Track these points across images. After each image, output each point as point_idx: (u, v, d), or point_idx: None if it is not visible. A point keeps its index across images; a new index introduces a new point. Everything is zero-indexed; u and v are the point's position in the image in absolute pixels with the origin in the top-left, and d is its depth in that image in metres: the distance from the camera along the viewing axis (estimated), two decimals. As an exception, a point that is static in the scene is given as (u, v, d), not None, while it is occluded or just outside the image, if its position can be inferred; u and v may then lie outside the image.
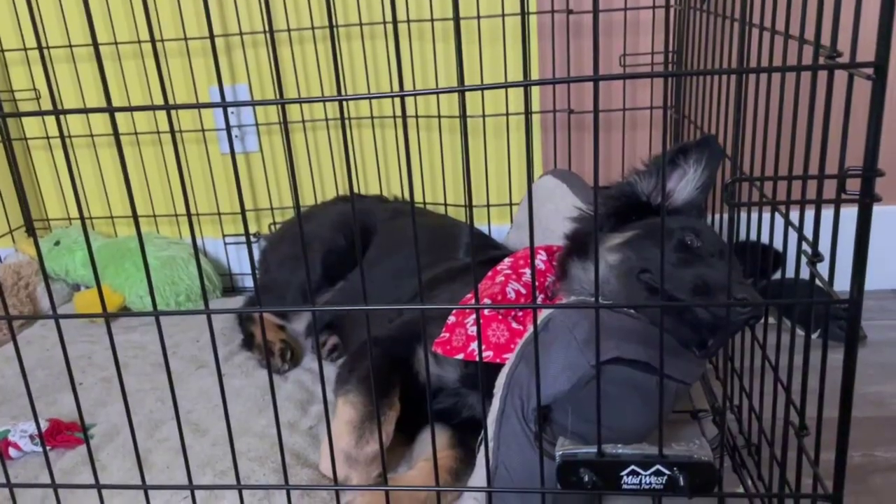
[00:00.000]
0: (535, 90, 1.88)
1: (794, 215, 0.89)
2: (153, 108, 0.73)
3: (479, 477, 1.05)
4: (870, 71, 0.64)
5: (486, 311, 1.18)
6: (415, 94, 0.67)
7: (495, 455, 0.99)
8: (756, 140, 1.02)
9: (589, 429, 0.97)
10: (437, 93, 0.78)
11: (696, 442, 0.80)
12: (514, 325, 1.16)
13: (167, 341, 0.83)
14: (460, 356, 1.16)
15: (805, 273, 0.83)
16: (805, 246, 0.83)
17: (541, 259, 1.30)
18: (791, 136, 0.86)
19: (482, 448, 1.05)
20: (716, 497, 0.83)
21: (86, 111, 0.74)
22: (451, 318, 1.22)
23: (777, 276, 1.14)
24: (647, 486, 0.79)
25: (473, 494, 1.03)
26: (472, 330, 1.17)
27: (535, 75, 1.88)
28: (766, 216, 1.01)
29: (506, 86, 0.67)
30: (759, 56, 1.02)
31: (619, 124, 1.86)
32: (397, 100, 1.91)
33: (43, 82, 2.01)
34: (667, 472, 0.78)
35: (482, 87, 0.68)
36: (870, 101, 0.65)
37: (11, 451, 1.30)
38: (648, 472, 0.78)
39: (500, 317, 1.17)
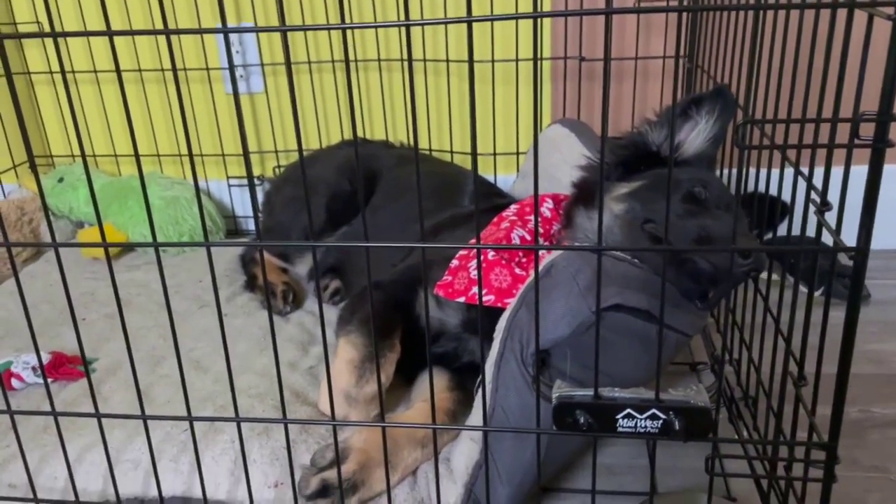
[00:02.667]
0: (546, 37, 1.84)
1: (807, 166, 0.87)
2: (153, 32, 0.71)
3: (475, 418, 1.06)
4: (890, 10, 0.62)
5: (489, 256, 1.17)
6: (422, 24, 0.65)
7: (493, 397, 0.99)
8: (770, 85, 0.99)
9: (587, 374, 0.97)
10: (445, 23, 0.76)
11: (693, 388, 0.80)
12: (518, 270, 1.16)
13: (170, 281, 0.83)
14: (461, 299, 1.15)
15: (812, 223, 0.82)
16: (814, 195, 0.81)
17: (547, 207, 1.29)
18: (806, 79, 0.84)
19: (480, 390, 1.05)
20: (710, 443, 0.83)
21: (85, 34, 0.73)
22: (455, 262, 1.21)
23: (783, 230, 1.13)
24: (642, 430, 0.79)
25: (470, 435, 1.04)
26: (475, 274, 1.16)
27: (546, 24, 1.84)
28: (779, 166, 1.00)
29: (516, 17, 0.65)
30: None
31: (630, 74, 1.83)
32: (405, 41, 1.89)
33: (43, 15, 1.97)
34: (662, 416, 0.78)
35: (491, 19, 0.66)
36: (889, 42, 0.63)
37: (14, 382, 1.32)
38: (644, 415, 0.78)
39: (503, 262, 1.17)
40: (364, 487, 1.01)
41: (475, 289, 1.14)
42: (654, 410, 0.78)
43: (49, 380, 1.32)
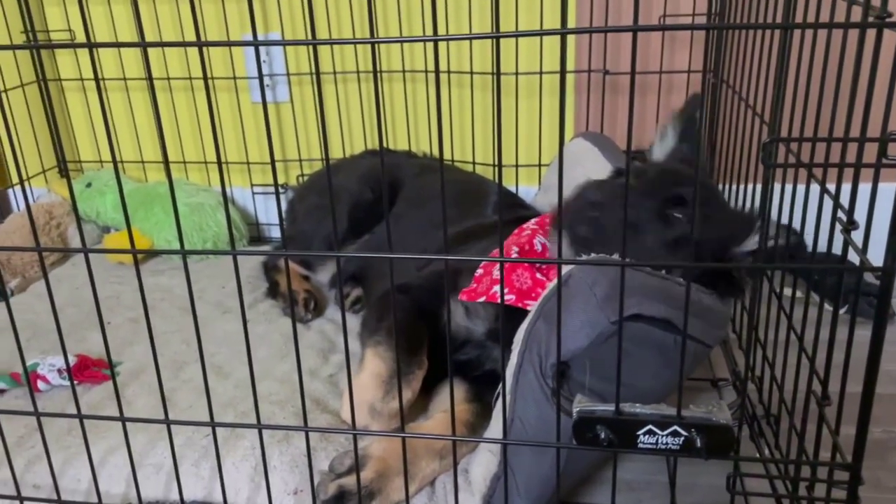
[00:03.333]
0: (571, 50, 1.84)
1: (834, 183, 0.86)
2: (185, 44, 0.73)
3: (494, 430, 1.06)
4: (921, 31, 0.62)
5: (512, 256, 1.18)
6: (450, 39, 0.66)
7: (511, 408, 0.99)
8: (796, 103, 0.99)
9: (606, 386, 0.97)
10: (473, 38, 0.77)
11: (714, 405, 0.80)
12: (539, 275, 1.16)
13: (193, 287, 0.84)
14: (482, 299, 1.16)
15: (839, 241, 0.82)
16: (840, 213, 0.81)
17: None
18: (833, 97, 0.84)
19: (499, 402, 1.06)
20: (731, 461, 0.83)
21: (118, 45, 0.74)
22: (479, 271, 1.22)
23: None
24: (663, 447, 0.78)
25: (488, 447, 1.04)
26: (496, 274, 1.17)
27: (571, 37, 1.84)
28: (805, 182, 0.99)
29: (542, 33, 0.65)
30: (804, 15, 0.99)
31: (654, 87, 1.82)
32: (430, 54, 1.90)
33: (77, 23, 2.01)
34: (684, 433, 0.77)
35: (519, 34, 0.67)
36: (919, 62, 0.63)
37: (40, 384, 1.34)
38: (665, 432, 0.78)
39: (525, 264, 1.18)
40: (381, 496, 1.01)
41: (496, 287, 1.14)
42: (675, 427, 0.77)
43: (75, 382, 1.34)
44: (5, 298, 0.92)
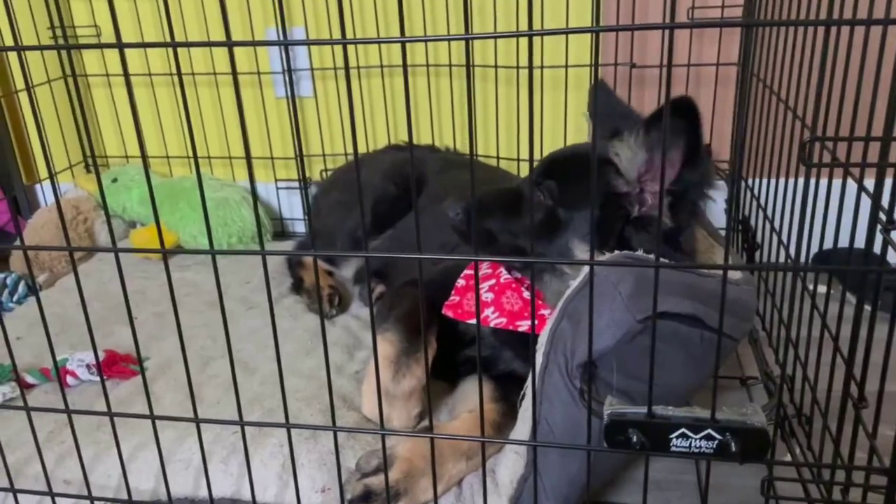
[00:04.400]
0: (599, 45, 1.82)
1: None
2: (214, 43, 0.72)
3: (520, 431, 1.05)
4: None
5: (501, 279, 1.19)
6: (480, 38, 0.65)
7: (538, 410, 0.98)
8: (832, 99, 0.97)
9: (633, 385, 0.96)
10: (504, 36, 0.76)
11: (749, 407, 0.78)
12: (526, 294, 1.17)
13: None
14: (473, 321, 1.16)
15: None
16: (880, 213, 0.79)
17: None
18: (871, 96, 0.82)
19: (524, 403, 1.05)
20: (765, 465, 0.81)
21: (148, 45, 0.74)
22: (461, 282, 1.22)
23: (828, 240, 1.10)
24: (696, 450, 0.77)
25: (514, 448, 1.03)
26: (486, 296, 1.17)
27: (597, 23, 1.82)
28: (841, 177, 0.97)
29: (574, 31, 0.64)
30: (840, 11, 0.97)
31: (682, 80, 1.80)
32: (454, 49, 1.89)
33: (102, 19, 2.02)
34: (718, 436, 0.76)
35: (551, 32, 0.65)
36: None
37: (68, 379, 1.35)
38: (699, 435, 0.77)
39: (513, 285, 1.18)
40: (407, 497, 1.01)
41: (487, 311, 1.16)
42: (709, 430, 0.76)
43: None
44: (36, 294, 0.93)
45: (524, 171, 1.93)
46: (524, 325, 1.14)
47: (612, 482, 1.19)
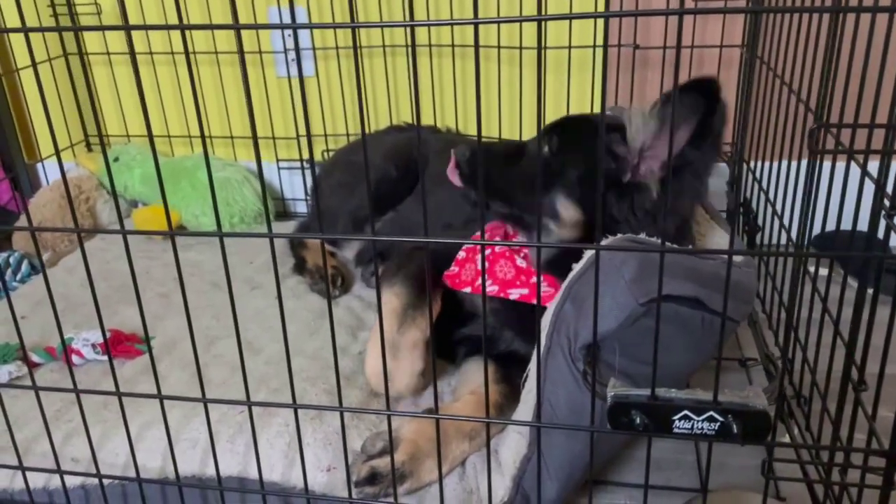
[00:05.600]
0: (600, 24, 1.81)
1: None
2: (221, 26, 0.72)
3: (523, 412, 1.06)
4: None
5: (496, 248, 1.21)
6: (488, 22, 0.65)
7: (540, 391, 1.00)
8: (836, 85, 0.97)
9: (635, 367, 0.97)
10: (512, 21, 0.76)
11: (751, 390, 0.80)
12: (520, 262, 1.19)
13: (221, 262, 0.85)
14: (468, 290, 1.19)
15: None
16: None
17: None
18: (877, 83, 0.82)
19: (527, 384, 1.06)
20: (765, 446, 0.83)
21: (156, 27, 0.74)
22: (461, 254, 1.23)
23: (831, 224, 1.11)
24: (698, 432, 0.78)
25: (518, 429, 1.04)
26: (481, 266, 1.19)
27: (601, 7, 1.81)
28: (846, 161, 0.97)
29: (589, 15, 0.64)
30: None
31: (685, 62, 1.80)
32: (457, 30, 1.88)
33: (104, -3, 2.01)
34: (720, 418, 0.77)
35: (566, 17, 0.66)
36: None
37: (74, 358, 1.36)
38: (701, 417, 0.78)
39: (507, 254, 1.20)
40: (412, 478, 1.02)
41: (479, 280, 1.17)
42: (711, 413, 0.77)
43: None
44: (44, 274, 0.93)
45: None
46: (514, 294, 1.16)
47: (613, 461, 1.21)
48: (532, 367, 1.04)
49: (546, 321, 1.02)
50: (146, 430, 1.12)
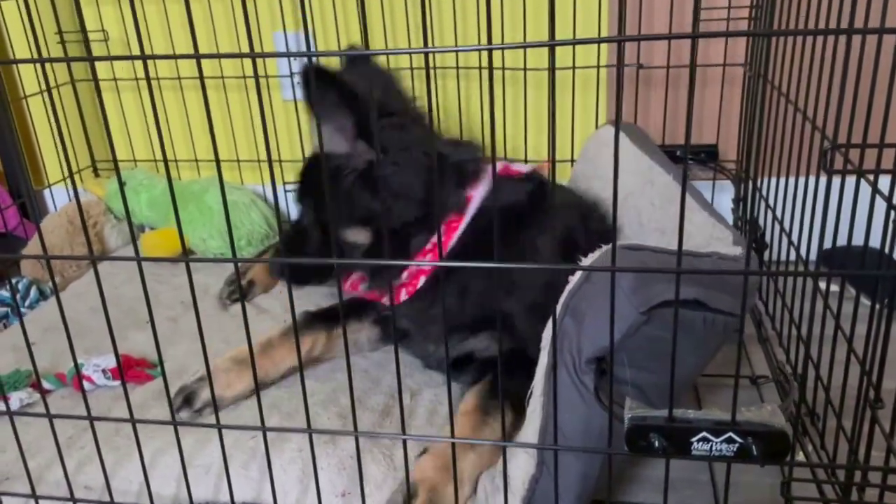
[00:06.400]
0: (604, 45, 1.83)
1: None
2: (239, 55, 0.73)
3: (528, 431, 1.04)
4: None
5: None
6: (503, 48, 0.66)
7: (546, 410, 0.99)
8: (843, 105, 0.98)
9: (642, 377, 0.95)
10: (523, 47, 0.76)
11: (769, 408, 0.79)
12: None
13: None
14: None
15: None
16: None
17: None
18: (886, 102, 0.83)
19: (531, 402, 1.04)
20: (786, 465, 0.83)
21: (173, 57, 0.75)
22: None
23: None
24: (717, 454, 0.78)
25: (525, 448, 1.03)
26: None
27: (604, 30, 1.83)
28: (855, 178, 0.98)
29: (600, 41, 0.65)
30: (866, 17, 0.97)
31: (687, 80, 1.80)
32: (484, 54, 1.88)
33: (109, 23, 2.03)
34: (739, 439, 0.77)
35: (574, 42, 0.66)
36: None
37: (84, 385, 1.35)
38: (720, 439, 0.77)
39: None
40: None
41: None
42: (730, 434, 0.77)
43: (118, 382, 1.36)
44: (57, 297, 0.94)
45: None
46: (403, 294, 1.23)
47: (622, 480, 1.20)
48: (536, 384, 1.03)
49: (545, 336, 1.02)
50: (159, 457, 1.11)
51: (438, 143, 1.23)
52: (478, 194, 1.21)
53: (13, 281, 1.78)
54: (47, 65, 1.99)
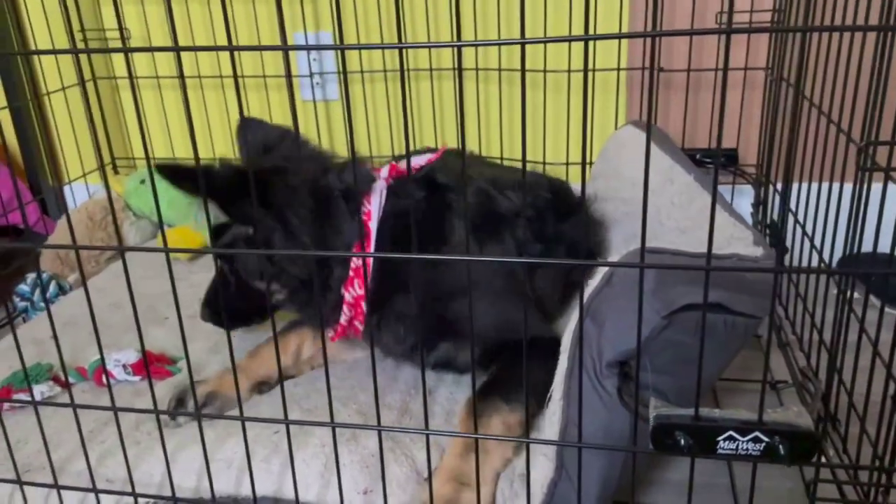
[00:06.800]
0: (624, 47, 1.82)
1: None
2: (269, 48, 0.74)
3: (547, 434, 1.04)
4: None
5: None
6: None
7: (565, 412, 0.99)
8: (855, 100, 0.97)
9: (663, 381, 0.95)
10: (554, 41, 0.77)
11: (795, 409, 0.79)
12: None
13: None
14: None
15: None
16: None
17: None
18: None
19: (552, 403, 1.04)
20: (810, 466, 0.82)
21: (204, 48, 0.75)
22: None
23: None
24: (743, 453, 0.78)
25: (544, 452, 1.02)
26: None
27: (625, 26, 1.83)
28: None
29: (632, 35, 0.65)
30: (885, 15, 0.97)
31: (709, 84, 1.81)
32: (504, 50, 1.89)
33: (131, 21, 2.05)
34: (766, 439, 0.76)
35: (596, 38, 0.66)
36: None
37: (104, 379, 1.36)
38: (746, 438, 0.77)
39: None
40: None
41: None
42: (756, 433, 0.77)
43: (139, 377, 1.37)
44: (86, 291, 0.95)
45: (573, 175, 1.91)
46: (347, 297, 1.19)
47: (641, 483, 1.20)
48: (555, 387, 1.03)
49: (566, 341, 1.02)
50: (180, 451, 1.12)
51: (328, 175, 1.21)
52: (374, 209, 1.19)
53: (34, 276, 1.79)
54: (69, 64, 2.02)
